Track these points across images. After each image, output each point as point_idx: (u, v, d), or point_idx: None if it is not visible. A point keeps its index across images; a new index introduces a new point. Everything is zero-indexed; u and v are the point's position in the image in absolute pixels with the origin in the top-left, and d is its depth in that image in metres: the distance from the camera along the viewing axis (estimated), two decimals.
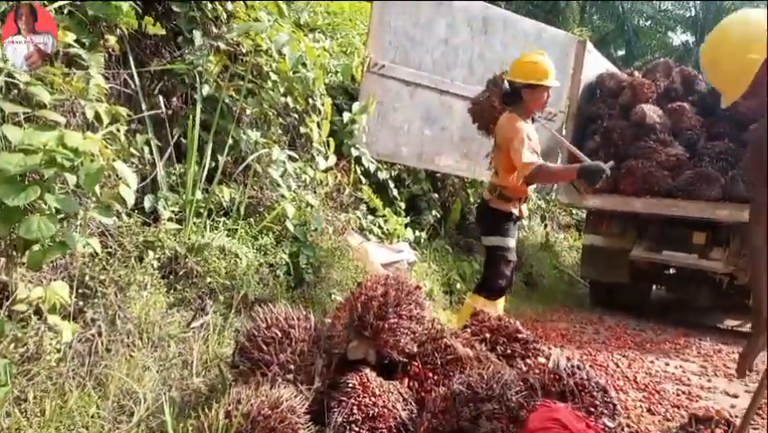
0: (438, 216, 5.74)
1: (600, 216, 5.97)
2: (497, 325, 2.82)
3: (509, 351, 2.67)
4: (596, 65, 6.23)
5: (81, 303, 2.19)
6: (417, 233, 5.20)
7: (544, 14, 11.25)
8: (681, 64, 6.71)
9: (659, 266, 5.88)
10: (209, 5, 3.21)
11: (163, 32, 2.84)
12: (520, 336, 2.75)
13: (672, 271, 6.21)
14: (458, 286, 5.19)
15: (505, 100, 3.64)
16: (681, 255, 5.34)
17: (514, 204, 3.48)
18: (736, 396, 3.52)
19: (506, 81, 3.64)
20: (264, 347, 2.13)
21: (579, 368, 2.13)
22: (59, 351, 1.95)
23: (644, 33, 15.73)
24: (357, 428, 1.89)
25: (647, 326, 5.42)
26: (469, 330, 2.85)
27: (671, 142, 5.49)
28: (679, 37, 17.48)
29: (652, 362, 4.12)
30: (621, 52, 15.43)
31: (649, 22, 16.41)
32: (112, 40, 2.62)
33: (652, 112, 5.55)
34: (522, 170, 3.23)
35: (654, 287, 7.06)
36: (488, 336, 2.77)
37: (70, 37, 2.27)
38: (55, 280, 2.08)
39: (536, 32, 5.85)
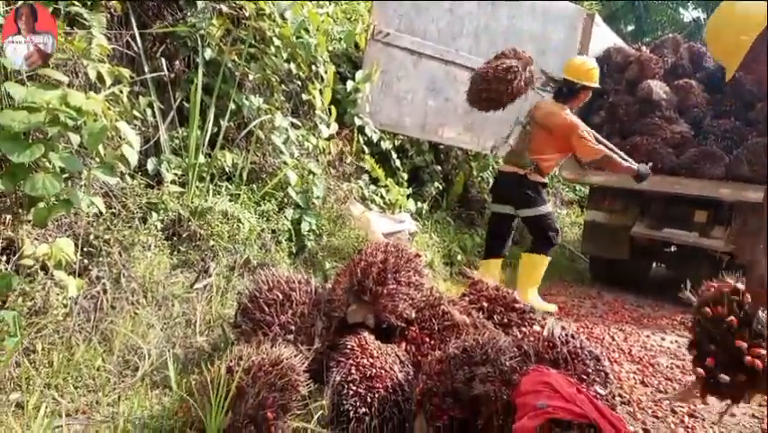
0: (440, 187, 5.74)
1: (603, 193, 5.96)
2: (494, 294, 2.86)
3: (506, 320, 2.71)
4: (604, 39, 6.15)
5: (86, 261, 2.22)
6: (419, 204, 5.22)
7: None
8: (690, 40, 6.62)
9: (659, 243, 5.89)
10: None
11: None
12: (517, 305, 2.79)
13: (672, 248, 6.23)
14: (458, 258, 5.22)
15: (559, 94, 4.36)
16: (681, 233, 5.35)
17: (544, 176, 4.29)
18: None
19: (564, 78, 4.34)
20: (266, 308, 2.17)
21: (573, 337, 2.16)
22: (65, 306, 2.00)
23: (654, 9, 15.40)
24: (354, 387, 1.94)
25: (645, 302, 5.46)
26: (467, 298, 2.90)
27: (676, 119, 5.44)
28: (690, 13, 17.16)
29: (648, 336, 4.17)
30: (631, 27, 15.17)
31: None
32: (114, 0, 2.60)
33: (658, 88, 5.49)
34: (591, 155, 4.24)
35: (655, 264, 7.09)
36: (485, 304, 2.82)
37: None
38: (60, 237, 2.12)
39: (544, 5, 5.76)
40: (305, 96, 4.02)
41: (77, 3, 2.31)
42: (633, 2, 13.84)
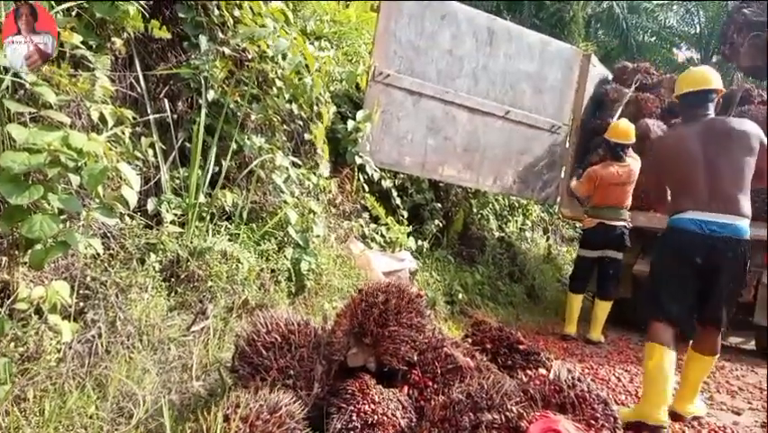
0: (441, 225, 5.73)
1: None
2: (498, 335, 2.81)
3: (510, 362, 2.66)
4: (600, 79, 6.25)
5: (82, 304, 2.18)
6: (420, 242, 5.20)
7: (550, 28, 11.28)
8: None
9: None
10: (216, 11, 3.23)
11: (169, 36, 2.86)
12: (521, 346, 2.74)
13: None
14: (460, 296, 5.17)
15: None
16: None
17: None
18: (738, 412, 3.49)
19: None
20: (264, 352, 2.12)
21: (580, 380, 2.11)
22: (59, 351, 1.95)
23: (648, 49, 15.78)
24: None
25: None
26: (470, 340, 2.84)
27: None
28: (683, 53, 17.55)
29: None
30: None
31: (654, 38, 16.47)
32: (118, 42, 2.63)
33: (656, 126, 5.55)
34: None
35: None
36: (488, 346, 2.76)
37: (77, 38, 2.28)
38: (56, 280, 2.08)
39: (541, 45, 5.88)
40: (306, 136, 4.05)
41: (81, 46, 2.34)
42: (627, 42, 14.17)
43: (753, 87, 5.77)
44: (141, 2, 2.70)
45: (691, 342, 3.13)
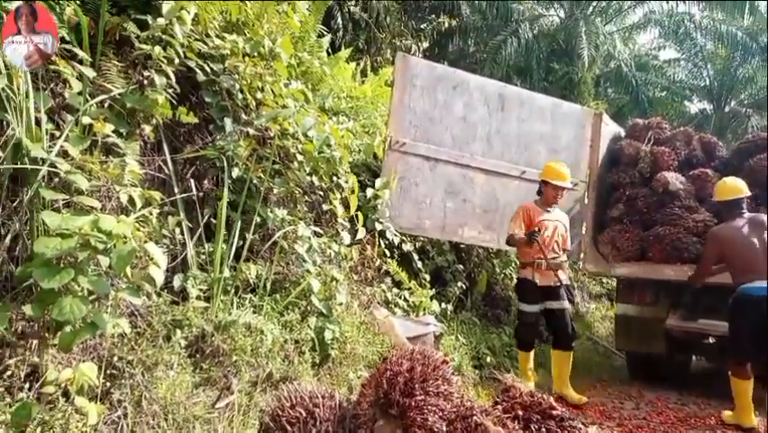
0: (464, 287, 5.68)
1: (631, 285, 5.83)
2: (529, 401, 2.71)
3: (544, 429, 2.55)
4: (614, 135, 6.33)
5: (108, 384, 2.20)
6: (443, 305, 5.14)
7: (560, 90, 11.56)
8: (700, 132, 6.77)
9: (697, 335, 5.63)
10: (239, 95, 3.42)
11: (196, 120, 3.03)
12: (555, 412, 2.63)
13: (711, 340, 5.94)
14: (488, 359, 5.04)
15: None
16: (717, 324, 5.11)
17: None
18: None
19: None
20: (288, 428, 2.08)
21: None
22: None
23: (659, 104, 15.97)
24: None
25: (690, 399, 5.12)
26: (500, 407, 2.75)
27: (696, 208, 5.43)
28: (695, 105, 17.71)
29: None
30: None
31: (664, 92, 16.71)
32: (147, 129, 2.79)
33: (674, 179, 5.55)
34: None
35: (694, 357, 6.73)
36: (520, 413, 2.67)
37: (108, 128, 2.44)
38: (84, 361, 2.11)
39: (552, 107, 6.02)
40: (326, 206, 4.14)
41: (112, 134, 2.49)
42: (637, 99, 14.39)
43: None
44: (169, 90, 2.88)
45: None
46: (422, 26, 11.27)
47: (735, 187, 4.42)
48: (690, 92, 17.09)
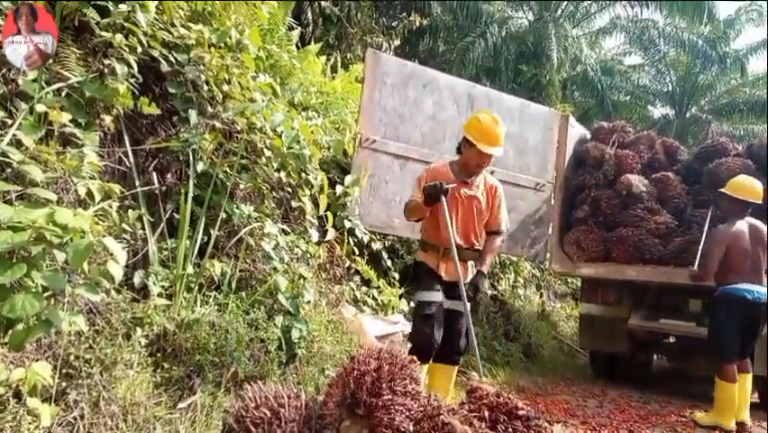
0: None
1: (595, 285, 5.95)
2: (496, 402, 2.72)
3: (510, 429, 2.56)
4: (580, 138, 6.44)
5: (64, 384, 2.10)
6: (412, 304, 5.13)
7: (528, 92, 11.72)
8: (662, 136, 6.96)
9: (659, 335, 5.79)
10: (205, 87, 3.33)
11: (159, 111, 2.93)
12: (521, 412, 2.64)
13: (671, 339, 6.12)
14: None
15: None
16: (678, 323, 5.28)
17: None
18: None
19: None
20: (253, 429, 2.03)
21: None
22: None
23: (624, 107, 16.41)
24: None
25: (651, 397, 5.26)
26: (466, 407, 2.75)
27: (658, 210, 5.57)
28: (659, 110, 18.24)
29: None
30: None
31: (628, 97, 17.16)
32: (108, 119, 2.69)
33: (637, 181, 5.68)
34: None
35: (656, 357, 6.92)
36: (487, 414, 2.67)
37: (66, 117, 2.33)
38: (38, 360, 2.02)
39: (520, 108, 6.08)
40: (295, 203, 4.08)
41: (69, 124, 2.38)
42: (603, 102, 14.73)
43: (728, 140, 5.97)
44: (131, 80, 2.78)
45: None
46: (393, 24, 11.25)
47: (753, 190, 4.34)
48: (654, 97, 17.60)
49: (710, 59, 14.83)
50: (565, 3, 14.09)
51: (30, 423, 1.87)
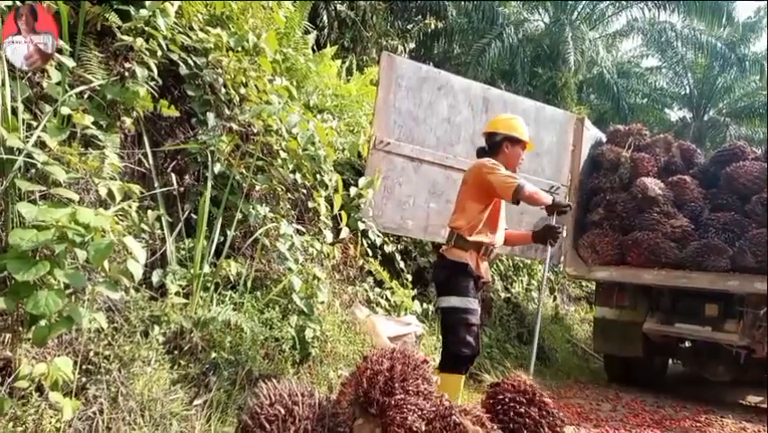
0: None
1: (610, 289, 5.90)
2: (520, 382, 2.71)
3: (523, 410, 2.55)
4: (595, 141, 6.41)
5: (84, 379, 2.16)
6: (425, 305, 5.15)
7: (543, 95, 11.68)
8: (679, 139, 6.89)
9: (674, 339, 5.74)
10: (223, 90, 3.38)
11: (177, 114, 2.99)
12: (544, 399, 2.64)
13: (687, 344, 6.05)
14: None
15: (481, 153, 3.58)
16: (694, 328, 5.22)
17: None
18: None
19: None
20: (267, 426, 2.07)
21: None
22: (58, 430, 1.91)
23: (641, 110, 16.25)
24: None
25: (666, 402, 5.20)
26: (479, 406, 2.76)
27: (675, 213, 5.52)
28: (676, 113, 18.04)
29: None
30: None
31: (645, 100, 16.99)
32: (128, 121, 2.75)
33: (653, 184, 5.63)
34: (506, 189, 3.06)
35: (671, 361, 6.84)
36: (509, 395, 2.66)
37: (88, 119, 2.39)
38: (59, 355, 2.07)
39: (535, 111, 6.06)
40: (310, 204, 4.12)
41: (92, 126, 2.44)
42: (619, 105, 14.60)
43: (746, 143, 5.90)
44: (151, 83, 2.84)
45: None
46: (408, 27, 11.29)
47: None
48: (671, 100, 17.42)
49: (729, 62, 14.64)
50: (582, 5, 14.01)
51: (51, 417, 1.92)
